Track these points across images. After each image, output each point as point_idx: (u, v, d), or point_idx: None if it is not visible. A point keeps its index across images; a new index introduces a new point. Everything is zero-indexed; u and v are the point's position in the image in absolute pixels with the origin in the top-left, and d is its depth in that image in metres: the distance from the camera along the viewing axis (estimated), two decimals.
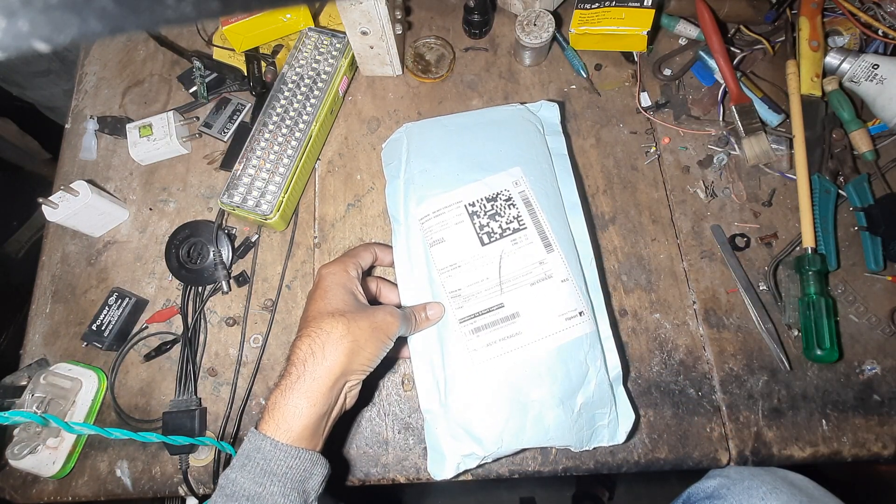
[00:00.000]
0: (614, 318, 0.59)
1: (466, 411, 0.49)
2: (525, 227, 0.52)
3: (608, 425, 0.50)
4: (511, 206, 0.53)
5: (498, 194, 0.53)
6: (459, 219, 0.53)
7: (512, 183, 0.54)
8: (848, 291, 0.59)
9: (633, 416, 0.51)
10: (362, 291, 0.49)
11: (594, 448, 0.51)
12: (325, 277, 0.48)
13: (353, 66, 0.71)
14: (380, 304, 0.50)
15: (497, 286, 0.50)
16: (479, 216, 0.53)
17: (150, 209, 0.68)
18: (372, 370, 0.46)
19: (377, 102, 0.71)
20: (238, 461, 0.40)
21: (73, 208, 0.62)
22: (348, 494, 0.58)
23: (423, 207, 0.54)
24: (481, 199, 0.53)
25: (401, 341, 0.50)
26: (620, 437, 0.50)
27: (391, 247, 0.55)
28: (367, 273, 0.55)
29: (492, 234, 0.51)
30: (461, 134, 0.58)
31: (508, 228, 0.52)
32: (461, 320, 0.49)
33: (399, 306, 0.51)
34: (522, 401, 0.48)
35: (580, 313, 0.50)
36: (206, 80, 0.71)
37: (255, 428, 0.42)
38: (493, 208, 0.53)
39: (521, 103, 0.61)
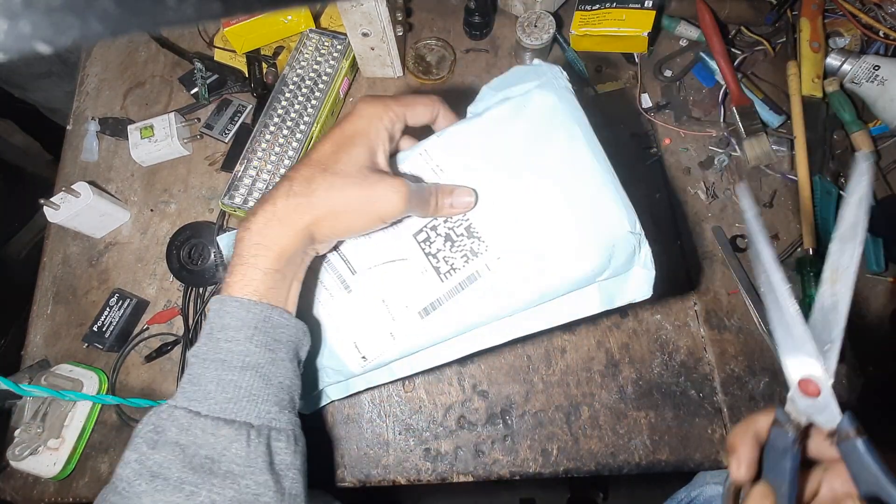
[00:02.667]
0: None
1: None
2: None
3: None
4: None
5: None
6: None
7: None
8: None
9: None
10: (386, 151, 0.42)
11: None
12: (357, 120, 0.42)
13: (354, 67, 0.71)
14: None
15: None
16: None
17: (152, 210, 0.68)
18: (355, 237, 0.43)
19: None
20: (244, 332, 0.38)
21: (74, 209, 0.62)
22: (348, 495, 0.58)
23: None
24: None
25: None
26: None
27: (456, 116, 0.48)
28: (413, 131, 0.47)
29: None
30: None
31: None
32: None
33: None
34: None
35: None
36: (208, 81, 0.71)
37: (234, 295, 0.38)
38: None
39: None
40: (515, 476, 0.55)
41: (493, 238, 0.43)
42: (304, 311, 0.48)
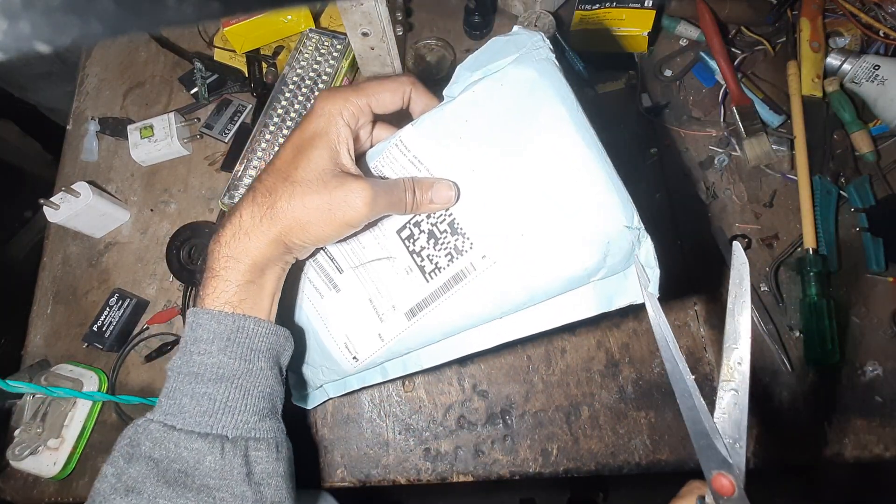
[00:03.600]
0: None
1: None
2: None
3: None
4: None
5: None
6: None
7: None
8: (849, 293, 0.59)
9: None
10: (350, 149, 0.40)
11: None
12: (315, 119, 0.39)
13: (354, 67, 0.71)
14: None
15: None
16: None
17: (151, 210, 0.68)
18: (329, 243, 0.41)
19: None
20: (216, 345, 0.37)
21: (74, 209, 0.62)
22: (348, 495, 0.58)
23: None
24: None
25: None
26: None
27: (434, 97, 0.44)
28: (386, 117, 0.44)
29: None
30: None
31: None
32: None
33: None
34: None
35: None
36: (207, 81, 0.71)
37: (207, 307, 0.38)
38: None
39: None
40: (515, 476, 0.55)
41: (477, 234, 0.40)
42: (296, 310, 0.47)
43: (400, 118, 0.44)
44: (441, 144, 0.42)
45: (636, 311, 0.59)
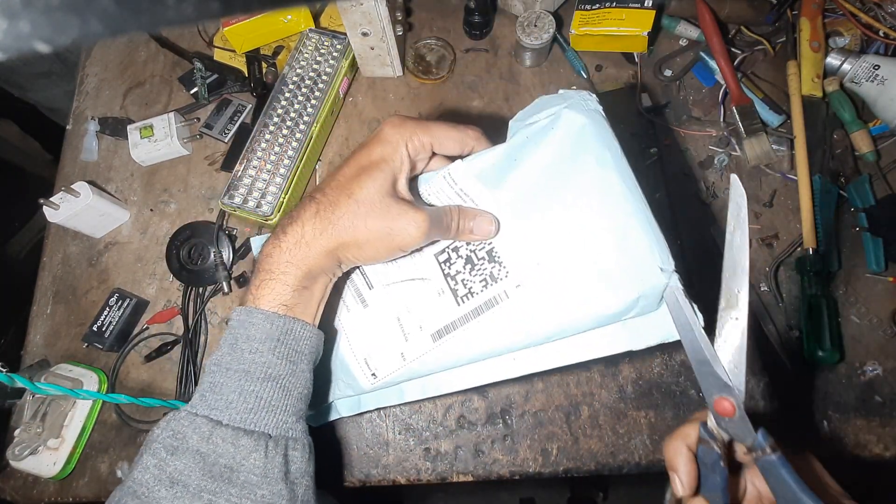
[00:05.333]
0: None
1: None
2: None
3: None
4: None
5: None
6: None
7: None
8: (849, 292, 0.59)
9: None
10: (407, 178, 0.42)
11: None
12: (382, 145, 0.41)
13: (354, 67, 0.71)
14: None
15: None
16: None
17: (151, 210, 0.68)
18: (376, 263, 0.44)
19: (378, 103, 0.71)
20: (267, 344, 0.39)
21: (74, 209, 0.62)
22: (348, 495, 0.58)
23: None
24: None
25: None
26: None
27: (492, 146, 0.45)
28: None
29: None
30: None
31: None
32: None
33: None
34: None
35: None
36: (207, 81, 0.71)
37: (261, 307, 0.39)
38: None
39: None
40: (515, 476, 0.55)
41: (514, 264, 0.41)
42: (322, 322, 0.48)
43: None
44: (488, 181, 0.44)
45: None
